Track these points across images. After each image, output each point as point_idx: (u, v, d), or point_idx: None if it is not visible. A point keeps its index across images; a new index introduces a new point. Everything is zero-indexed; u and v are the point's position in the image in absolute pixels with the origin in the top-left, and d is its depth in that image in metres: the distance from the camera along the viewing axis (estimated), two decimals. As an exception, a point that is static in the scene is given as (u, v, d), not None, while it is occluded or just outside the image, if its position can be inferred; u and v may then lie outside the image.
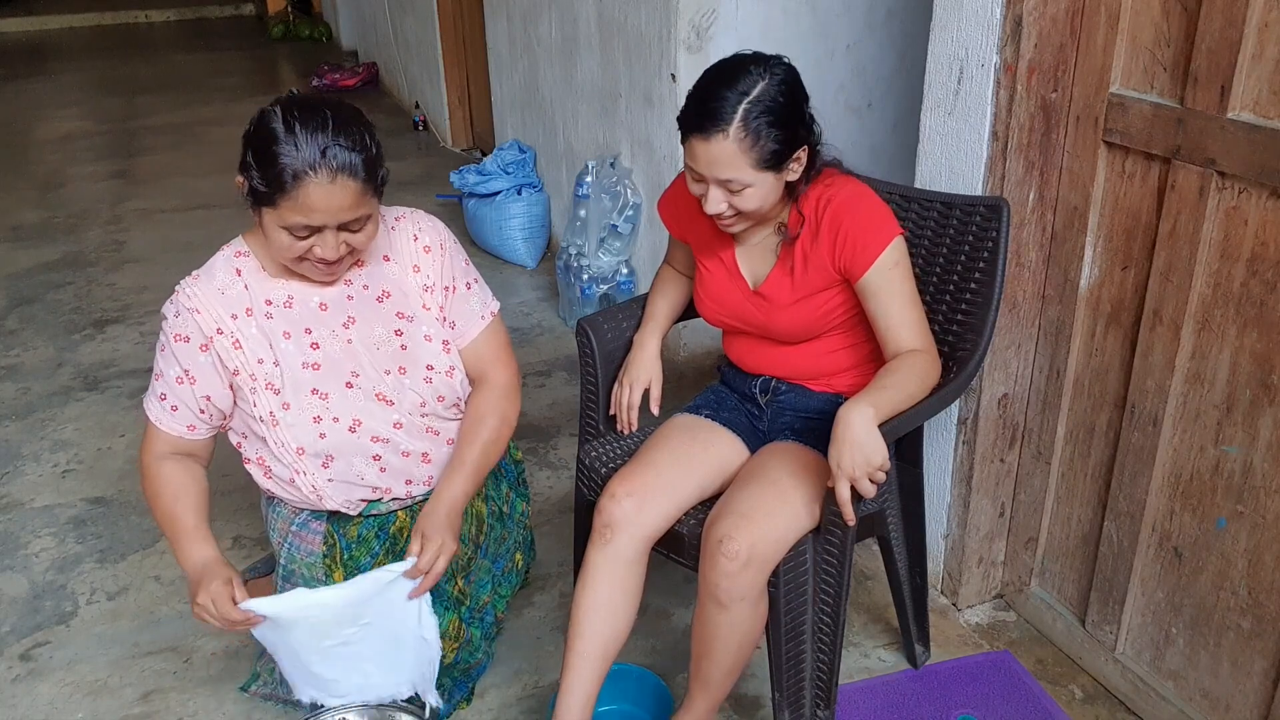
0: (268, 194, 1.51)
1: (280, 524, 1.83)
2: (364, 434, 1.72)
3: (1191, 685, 1.77)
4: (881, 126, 3.15)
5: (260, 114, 1.54)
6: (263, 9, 10.14)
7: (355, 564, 1.77)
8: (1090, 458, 1.88)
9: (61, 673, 2.05)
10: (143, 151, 5.84)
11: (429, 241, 1.76)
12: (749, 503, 1.59)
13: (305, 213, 1.51)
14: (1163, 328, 1.66)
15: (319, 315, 1.70)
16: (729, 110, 1.52)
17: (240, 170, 1.55)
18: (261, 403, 1.68)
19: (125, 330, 3.56)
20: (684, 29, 2.77)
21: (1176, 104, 1.58)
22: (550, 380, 3.16)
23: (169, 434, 1.71)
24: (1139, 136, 1.64)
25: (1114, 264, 1.75)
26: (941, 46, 1.85)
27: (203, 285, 1.67)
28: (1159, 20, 1.59)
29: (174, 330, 1.66)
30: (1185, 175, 1.58)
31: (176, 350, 1.66)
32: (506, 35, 4.23)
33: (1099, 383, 1.83)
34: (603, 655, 1.66)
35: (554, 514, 2.45)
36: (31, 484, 2.69)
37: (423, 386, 1.75)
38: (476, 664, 1.91)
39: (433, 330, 1.75)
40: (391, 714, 1.75)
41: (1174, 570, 1.76)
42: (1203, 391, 1.64)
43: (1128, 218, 1.71)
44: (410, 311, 1.74)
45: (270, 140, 1.49)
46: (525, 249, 3.99)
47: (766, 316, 1.73)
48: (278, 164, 1.48)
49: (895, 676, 1.98)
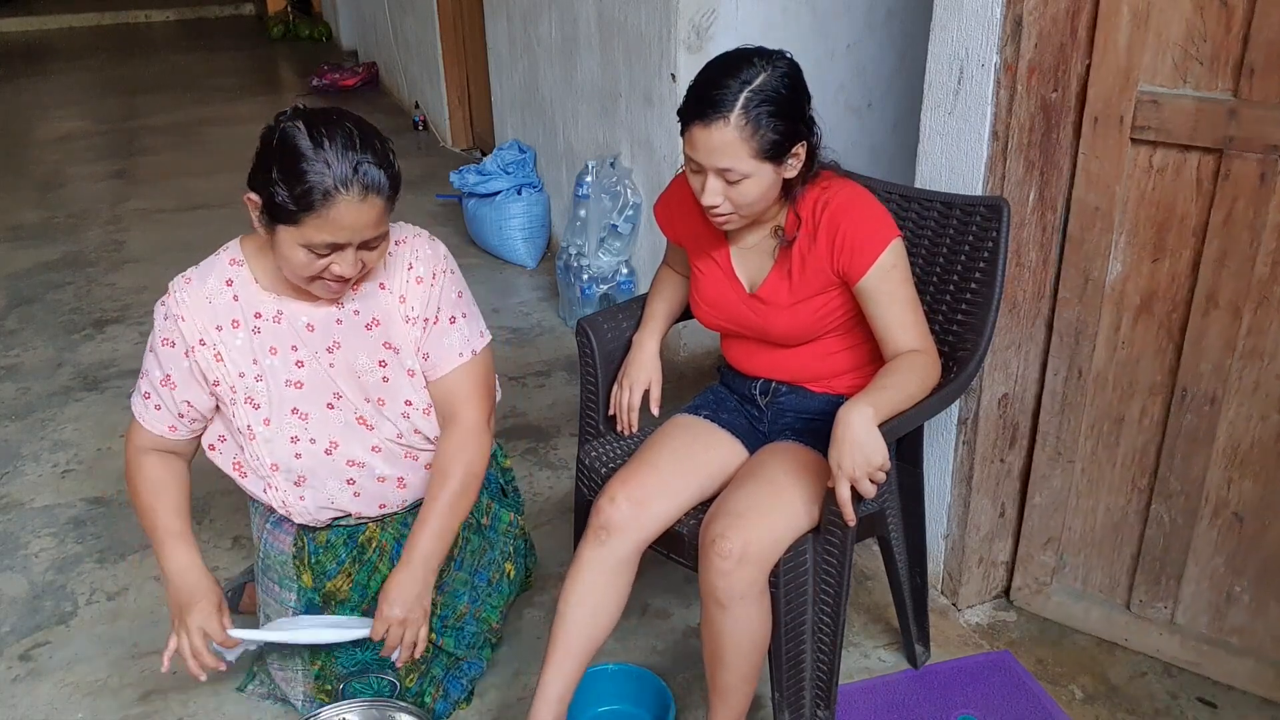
0: (292, 212, 1.46)
1: (258, 519, 1.86)
2: (340, 457, 1.71)
3: (1260, 633, 1.87)
4: (881, 126, 3.15)
5: (280, 130, 1.49)
6: (262, 9, 10.13)
7: (321, 569, 1.78)
8: (1119, 448, 1.92)
9: (61, 673, 2.05)
10: (142, 151, 5.84)
11: (421, 272, 1.70)
12: (744, 502, 1.60)
13: (333, 230, 1.48)
14: (1219, 311, 1.72)
15: (305, 335, 1.67)
16: (731, 97, 1.52)
17: (255, 187, 1.50)
18: (240, 415, 1.68)
19: (125, 330, 3.56)
20: (684, 29, 2.77)
21: (1228, 96, 1.62)
22: (550, 380, 3.16)
23: (150, 431, 1.72)
24: (1179, 131, 1.68)
25: (1141, 258, 1.79)
26: (941, 46, 1.85)
27: (192, 291, 1.65)
28: (1191, 17, 1.63)
29: (161, 334, 1.66)
30: (1241, 164, 1.63)
31: (161, 354, 1.67)
32: (506, 35, 4.23)
33: (1127, 374, 1.87)
34: (585, 650, 1.67)
35: (554, 514, 2.45)
36: (31, 484, 2.69)
37: (400, 420, 1.73)
38: (464, 659, 1.91)
39: (414, 364, 1.72)
40: (391, 714, 1.75)
41: (1233, 535, 1.84)
42: (1262, 365, 1.72)
43: (1159, 211, 1.75)
44: (397, 343, 1.70)
45: (297, 157, 1.45)
46: (525, 249, 3.99)
47: (764, 320, 1.73)
48: (307, 181, 1.44)
49: (895, 676, 1.98)
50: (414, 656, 1.69)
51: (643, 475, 1.70)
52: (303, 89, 7.27)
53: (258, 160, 1.50)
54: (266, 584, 1.85)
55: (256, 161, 1.50)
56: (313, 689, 1.82)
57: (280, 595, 1.82)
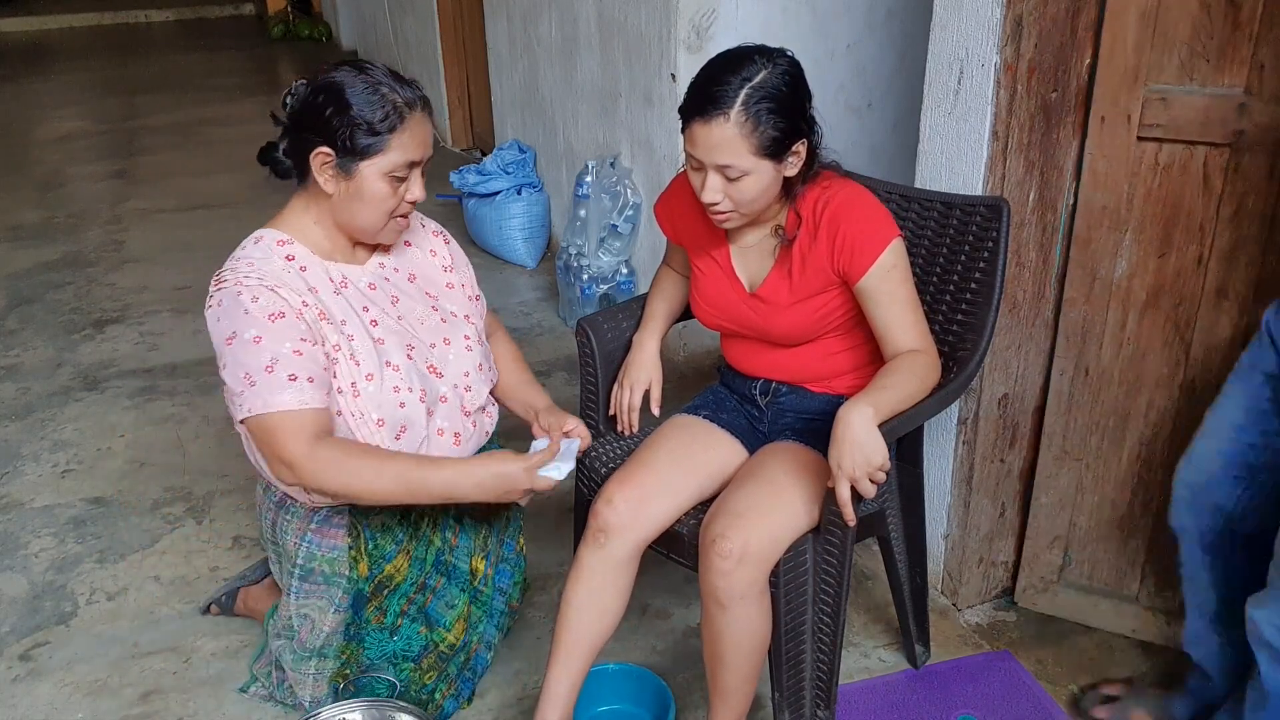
0: (378, 137, 1.58)
1: (297, 524, 1.76)
2: (429, 402, 1.72)
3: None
4: (881, 126, 3.15)
5: (328, 82, 1.60)
6: (262, 9, 10.14)
7: (380, 553, 1.76)
8: (1124, 442, 1.93)
9: (61, 673, 2.05)
10: (143, 151, 5.84)
11: (435, 229, 1.91)
12: (744, 502, 1.60)
13: (414, 147, 1.62)
14: (1228, 303, 1.74)
15: (370, 294, 1.73)
16: (731, 94, 1.52)
17: (325, 139, 1.59)
18: (344, 373, 1.64)
19: (125, 330, 3.56)
20: (684, 29, 2.77)
21: (1239, 92, 1.65)
22: (550, 380, 3.16)
23: (312, 411, 1.58)
24: (1189, 127, 1.70)
25: (1149, 254, 1.80)
26: (941, 46, 1.85)
27: (270, 266, 1.63)
28: (1198, 16, 1.64)
29: (266, 311, 1.58)
30: (1252, 158, 1.66)
31: (274, 330, 1.57)
32: (506, 35, 4.23)
33: (1133, 369, 1.88)
34: (588, 651, 1.68)
35: (554, 514, 2.45)
36: (31, 484, 2.69)
37: (464, 355, 1.80)
38: (475, 649, 1.92)
39: (458, 307, 1.85)
40: (391, 714, 1.75)
41: None
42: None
43: (1166, 207, 1.77)
44: (435, 291, 1.83)
45: (368, 90, 1.58)
46: (525, 249, 3.99)
47: (764, 319, 1.73)
48: (385, 105, 1.58)
49: (895, 676, 1.98)
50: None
51: (640, 476, 1.70)
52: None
53: (315, 116, 1.59)
54: (306, 589, 1.76)
55: (313, 119, 1.59)
56: (324, 689, 1.82)
57: (327, 592, 1.76)
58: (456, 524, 1.87)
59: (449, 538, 1.85)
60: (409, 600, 1.81)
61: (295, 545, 1.76)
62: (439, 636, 1.83)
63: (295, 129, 1.64)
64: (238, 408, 1.58)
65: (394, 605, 1.79)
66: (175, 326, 3.53)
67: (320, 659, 1.80)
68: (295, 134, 1.64)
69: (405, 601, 1.80)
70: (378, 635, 1.80)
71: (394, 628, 1.80)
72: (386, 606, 1.79)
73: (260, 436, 1.58)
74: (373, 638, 1.80)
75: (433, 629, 1.84)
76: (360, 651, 1.80)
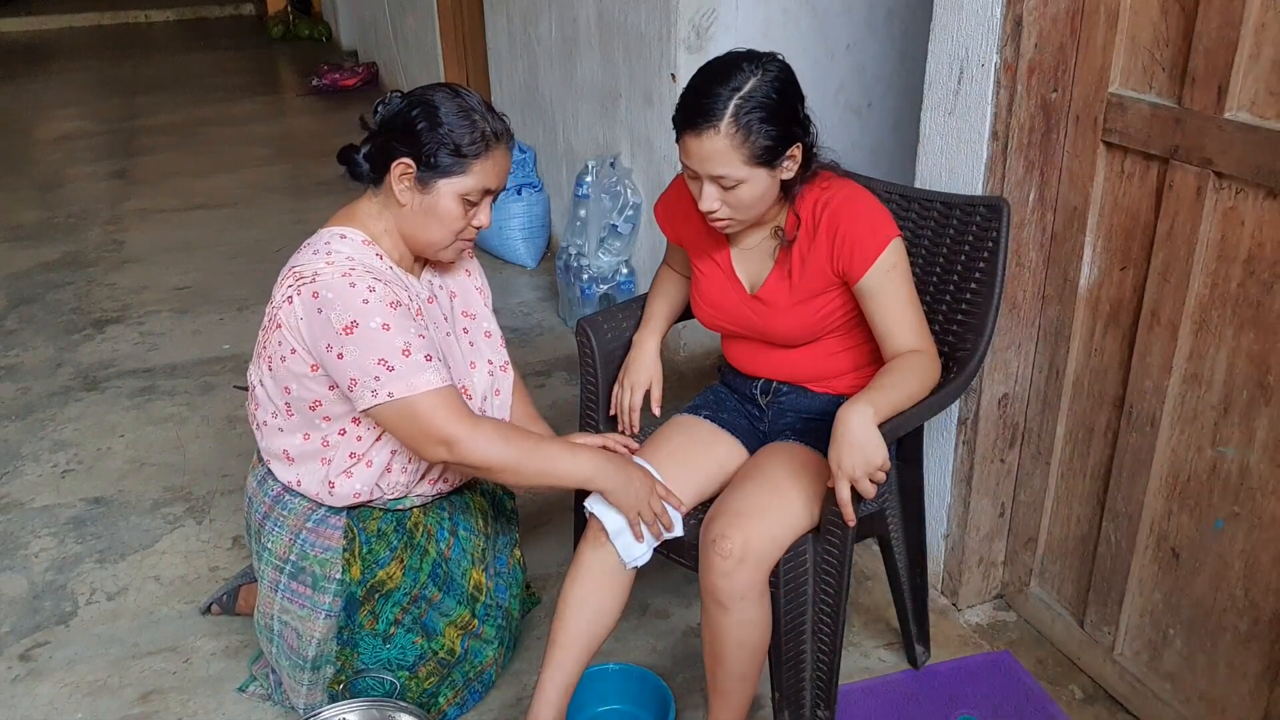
0: (462, 159, 1.62)
1: (292, 520, 1.77)
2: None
3: (1189, 687, 1.76)
4: (881, 126, 3.15)
5: (424, 99, 1.63)
6: (262, 9, 10.13)
7: (374, 558, 1.75)
8: (1089, 458, 1.88)
9: (61, 673, 2.05)
10: (143, 151, 5.83)
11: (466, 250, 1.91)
12: (744, 502, 1.60)
13: (493, 175, 1.66)
14: (1160, 328, 1.66)
15: (428, 308, 1.76)
16: (720, 106, 1.52)
17: (411, 151, 1.62)
18: None
19: (125, 330, 3.56)
20: (684, 29, 2.77)
21: (1174, 104, 1.57)
22: (550, 380, 3.16)
23: (454, 388, 1.63)
24: (1138, 136, 1.64)
25: (1113, 264, 1.75)
26: (941, 46, 1.85)
27: (369, 262, 1.65)
28: (1158, 20, 1.59)
29: (385, 300, 1.59)
30: (1183, 175, 1.57)
31: (400, 316, 1.60)
32: (506, 35, 4.23)
33: (1098, 383, 1.83)
34: (584, 650, 1.68)
35: (554, 514, 2.45)
36: (31, 484, 2.69)
37: (485, 379, 1.83)
38: (487, 666, 1.91)
39: (491, 326, 1.90)
40: (391, 714, 1.75)
41: (1172, 571, 1.75)
42: (1200, 392, 1.63)
43: (1127, 218, 1.71)
44: (474, 310, 1.89)
45: (463, 113, 1.63)
46: (525, 249, 3.99)
47: (765, 320, 1.73)
48: (476, 129, 1.63)
49: (895, 676, 1.98)
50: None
51: (642, 475, 1.70)
52: (303, 89, 7.26)
53: (405, 127, 1.63)
54: (294, 589, 1.78)
55: (403, 130, 1.63)
56: (318, 698, 1.81)
57: (312, 598, 1.76)
58: (451, 536, 1.86)
59: (443, 549, 1.84)
60: (403, 610, 1.79)
61: (289, 542, 1.77)
62: (438, 645, 1.83)
63: (383, 136, 1.66)
64: (372, 394, 1.57)
65: (387, 612, 1.78)
66: (175, 326, 3.53)
67: (314, 670, 1.80)
68: (381, 141, 1.66)
69: (399, 610, 1.79)
70: (371, 641, 1.79)
71: (387, 635, 1.79)
72: (379, 612, 1.78)
73: (407, 419, 1.58)
74: (366, 643, 1.79)
75: (430, 639, 1.83)
76: (355, 656, 1.80)
